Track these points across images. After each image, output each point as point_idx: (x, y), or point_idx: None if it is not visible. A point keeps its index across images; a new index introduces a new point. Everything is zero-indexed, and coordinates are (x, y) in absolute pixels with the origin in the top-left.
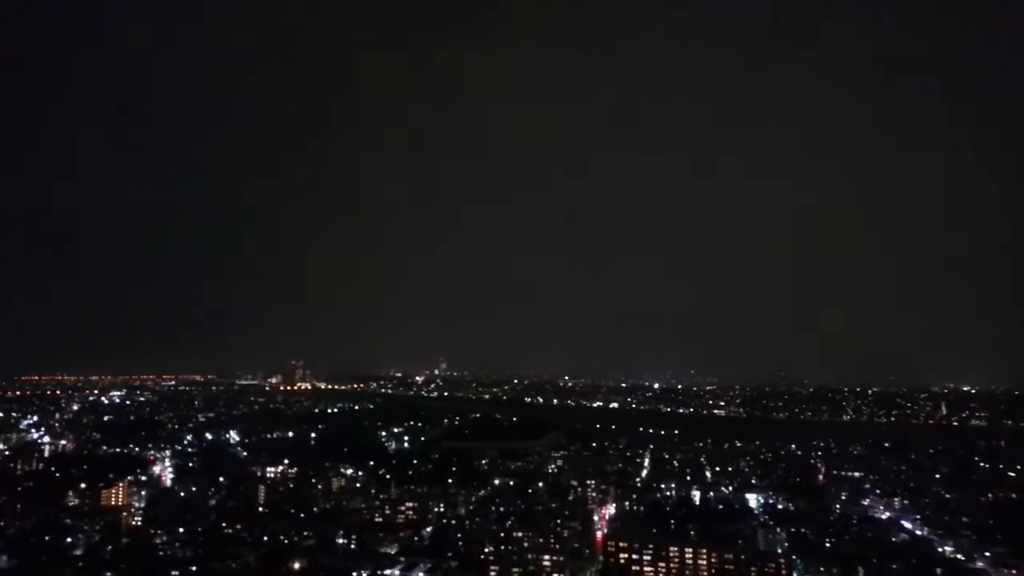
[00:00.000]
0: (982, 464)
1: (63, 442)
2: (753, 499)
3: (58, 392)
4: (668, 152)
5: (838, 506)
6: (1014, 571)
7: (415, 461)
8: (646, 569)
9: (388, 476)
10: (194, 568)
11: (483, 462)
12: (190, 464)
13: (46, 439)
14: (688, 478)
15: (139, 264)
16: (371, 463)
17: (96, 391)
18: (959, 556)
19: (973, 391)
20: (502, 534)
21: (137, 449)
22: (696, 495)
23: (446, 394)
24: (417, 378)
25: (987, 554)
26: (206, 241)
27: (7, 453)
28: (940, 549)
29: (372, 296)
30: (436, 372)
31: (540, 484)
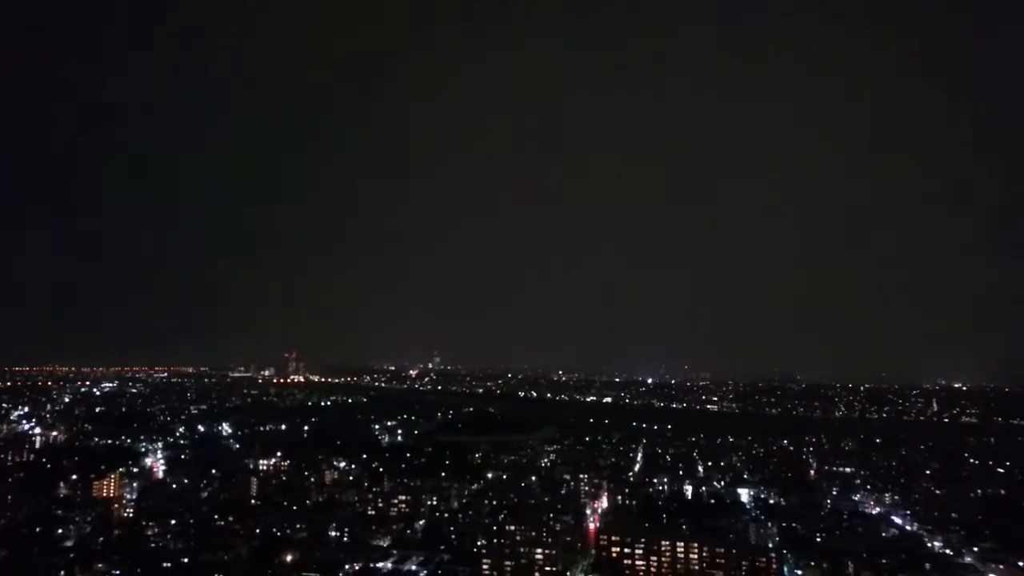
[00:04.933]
0: (972, 460)
1: (54, 433)
2: (745, 494)
3: (50, 383)
4: (667, 152)
5: (829, 501)
6: (1002, 566)
7: (408, 454)
8: (638, 563)
9: (381, 469)
10: (186, 560)
11: (476, 456)
12: (182, 456)
13: (37, 430)
14: (680, 473)
15: (133, 256)
16: (364, 456)
17: (88, 383)
18: (948, 551)
19: (964, 388)
20: (495, 527)
21: (129, 441)
22: (688, 489)
23: (439, 388)
24: (411, 371)
25: (976, 549)
26: (199, 234)
27: None
28: (930, 544)
29: (367, 289)
30: (430, 366)
31: (533, 478)
